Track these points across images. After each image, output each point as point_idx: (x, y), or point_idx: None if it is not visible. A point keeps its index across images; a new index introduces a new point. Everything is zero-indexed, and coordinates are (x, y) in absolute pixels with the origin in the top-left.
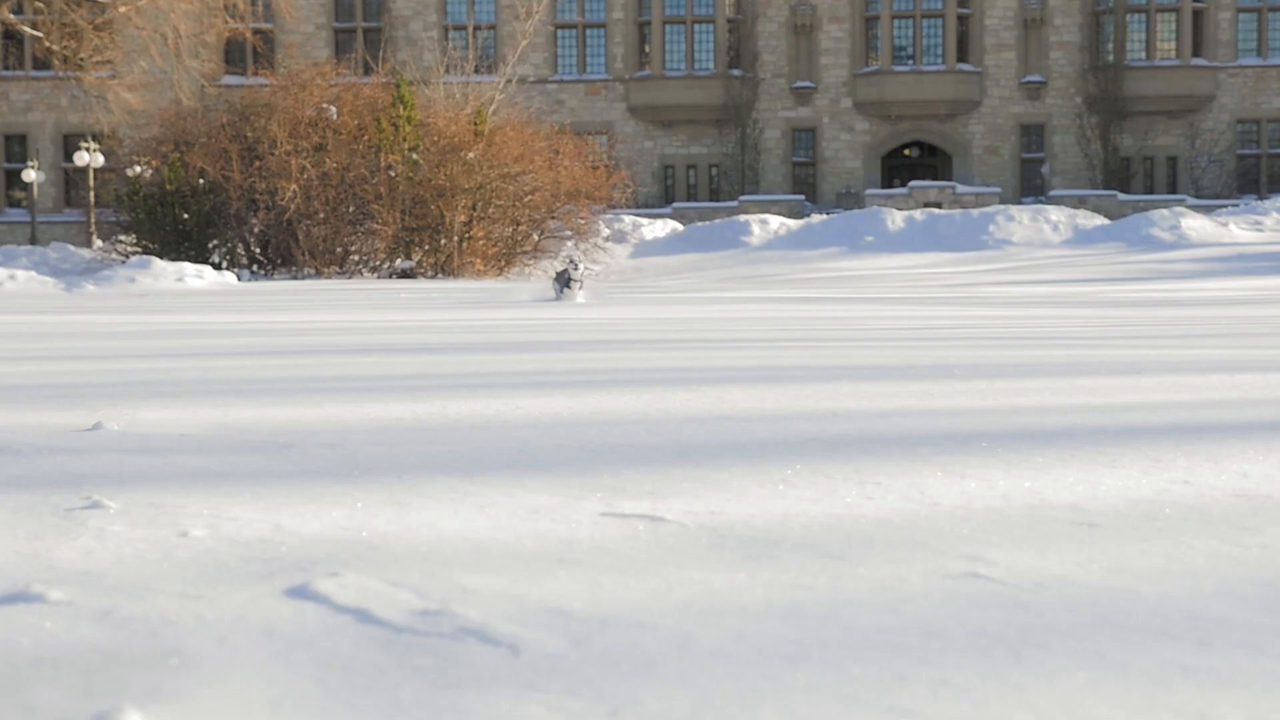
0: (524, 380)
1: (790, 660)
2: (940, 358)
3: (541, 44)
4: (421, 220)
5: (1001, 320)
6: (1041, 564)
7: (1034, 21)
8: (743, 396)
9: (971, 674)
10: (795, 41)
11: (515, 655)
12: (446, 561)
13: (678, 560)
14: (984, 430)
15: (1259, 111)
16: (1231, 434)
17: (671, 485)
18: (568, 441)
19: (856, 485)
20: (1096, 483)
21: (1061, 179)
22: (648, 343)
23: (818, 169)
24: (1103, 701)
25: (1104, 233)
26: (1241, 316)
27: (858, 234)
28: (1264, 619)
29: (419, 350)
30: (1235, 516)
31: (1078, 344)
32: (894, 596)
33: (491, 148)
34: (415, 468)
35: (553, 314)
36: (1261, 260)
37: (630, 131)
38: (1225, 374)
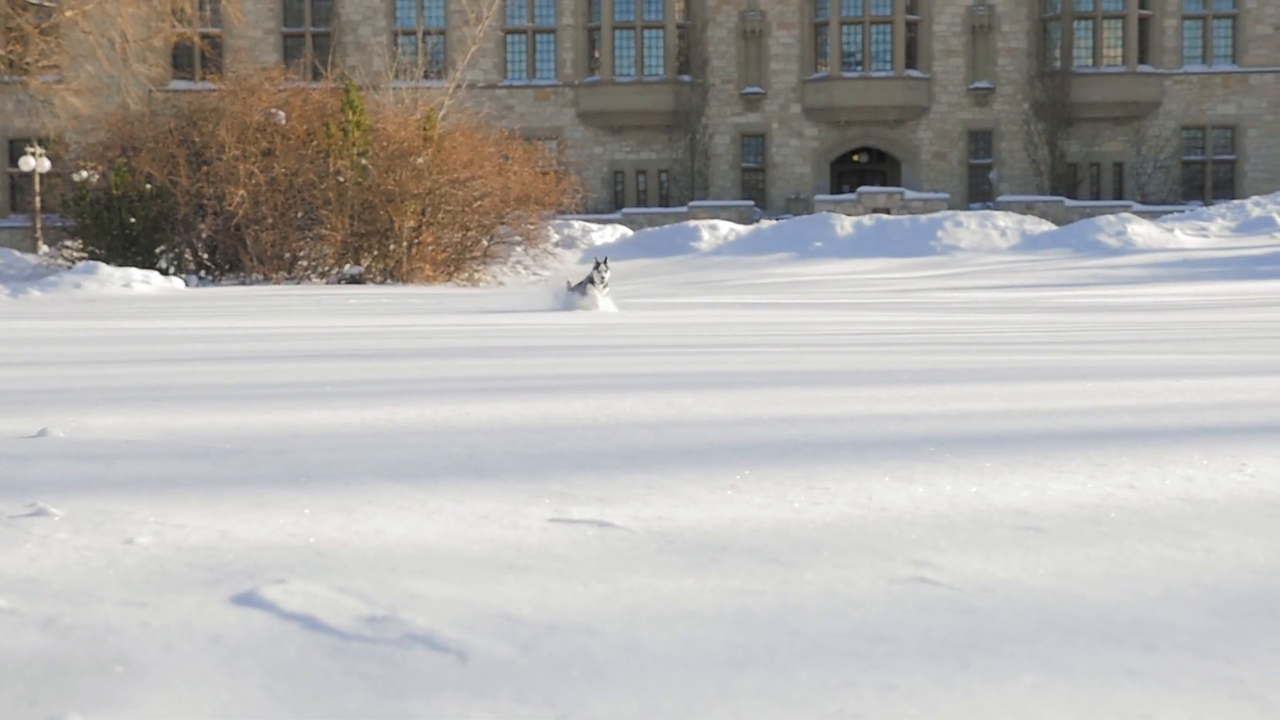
0: (473, 386)
1: (738, 665)
2: (888, 363)
3: (491, 49)
4: (370, 226)
5: (949, 326)
6: (988, 568)
7: (982, 28)
8: (692, 402)
9: (919, 678)
10: (744, 47)
11: (463, 661)
12: (394, 568)
13: (626, 566)
14: (932, 435)
15: (1204, 118)
16: (1176, 438)
17: (620, 491)
18: (516, 447)
19: (805, 490)
20: (1043, 487)
21: (1009, 185)
22: (597, 348)
23: (767, 175)
24: (1049, 705)
25: (1051, 238)
26: (1186, 322)
27: (807, 239)
28: (1208, 623)
29: (367, 356)
30: (1180, 521)
31: (1024, 349)
32: (842, 601)
33: (441, 153)
34: (363, 474)
35: (502, 320)
36: (1206, 266)
37: (580, 137)
38: (1170, 379)
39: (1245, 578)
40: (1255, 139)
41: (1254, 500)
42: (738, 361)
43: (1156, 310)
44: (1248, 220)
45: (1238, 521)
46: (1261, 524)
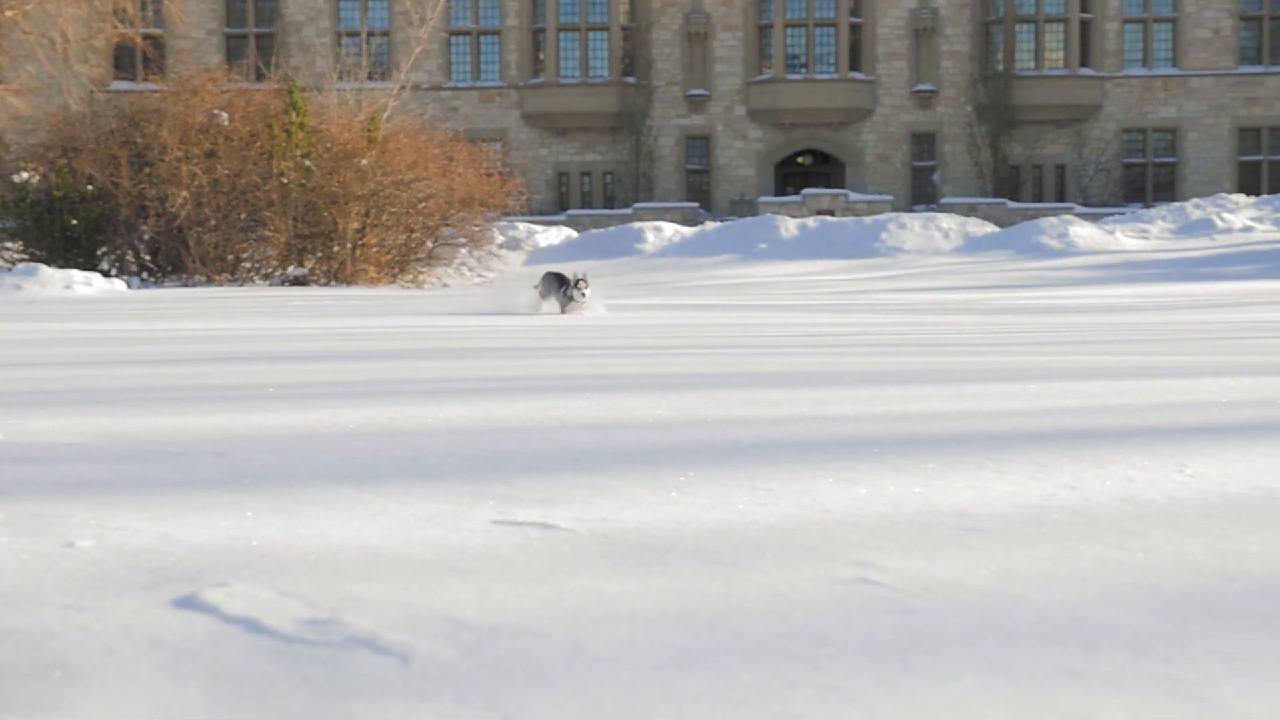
0: (417, 388)
1: (681, 667)
2: (833, 365)
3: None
4: (314, 227)
5: (893, 327)
6: (930, 569)
7: (925, 31)
8: (636, 403)
9: (861, 679)
10: (689, 49)
11: (405, 664)
12: (337, 570)
13: (570, 568)
14: (875, 437)
15: (1144, 121)
16: (1117, 439)
17: (564, 492)
18: (460, 449)
19: (749, 492)
20: (985, 488)
21: (952, 187)
22: (541, 350)
23: (712, 176)
24: (990, 706)
25: (994, 240)
26: (1128, 323)
27: (751, 241)
28: (1147, 623)
29: (311, 358)
30: (1120, 521)
31: (968, 351)
32: (785, 603)
33: (385, 155)
34: (306, 476)
35: (447, 321)
36: (1147, 267)
37: (525, 138)
38: (1111, 380)
39: (1185, 578)
40: (1195, 141)
41: (1193, 501)
42: (682, 363)
43: (1098, 311)
44: (1188, 222)
45: (1177, 522)
46: (1201, 524)
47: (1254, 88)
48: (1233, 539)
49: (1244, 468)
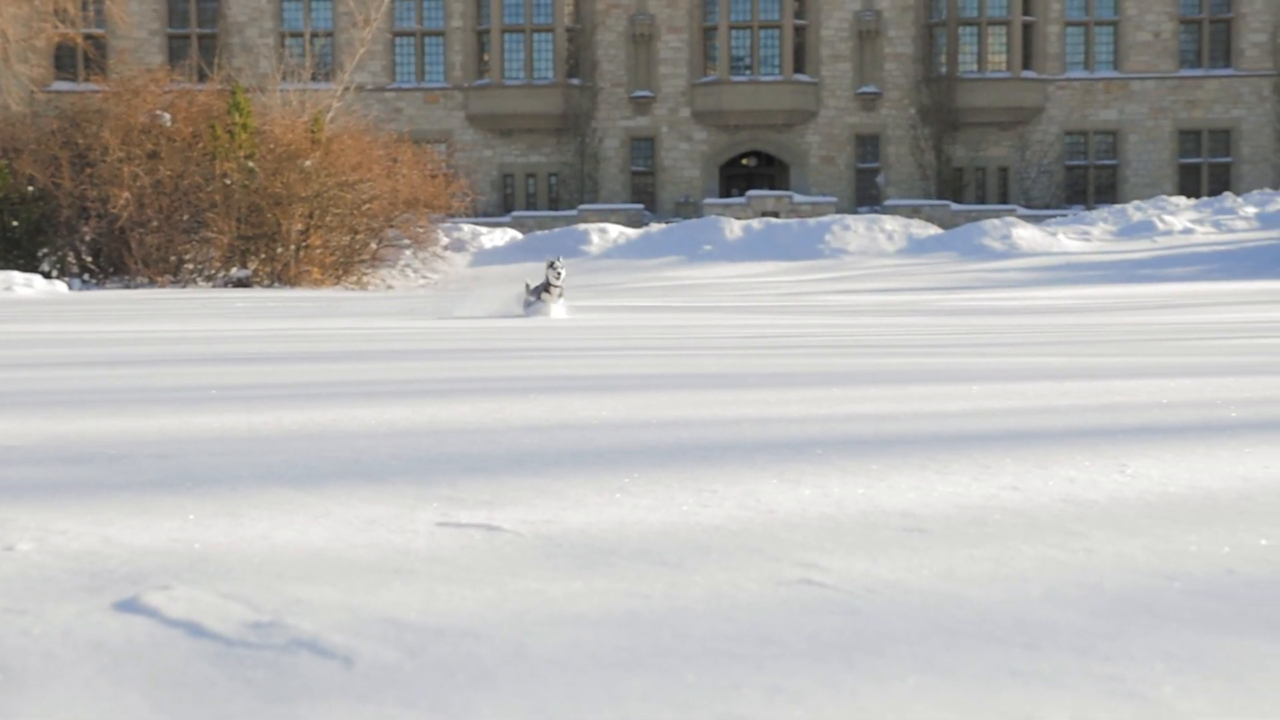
0: (361, 390)
1: (626, 668)
2: (777, 366)
3: (379, 51)
4: (258, 229)
5: (837, 329)
6: (874, 570)
7: (869, 33)
8: (581, 405)
9: (805, 680)
10: (634, 51)
11: (349, 667)
12: (280, 573)
13: (514, 569)
14: (820, 438)
15: (1086, 123)
16: (1059, 440)
17: (508, 494)
18: (404, 451)
19: (693, 493)
20: (928, 489)
21: (896, 189)
22: (485, 351)
23: (657, 178)
24: (933, 705)
25: (937, 242)
26: (1070, 325)
27: (696, 243)
28: (1088, 622)
29: (254, 360)
30: (1062, 522)
31: (911, 352)
32: (729, 604)
33: (329, 156)
34: (249, 479)
35: (387, 324)
36: (1089, 269)
37: (469, 140)
38: (1054, 381)
39: (1125, 577)
40: (1136, 144)
41: (1134, 501)
42: (626, 364)
43: (1041, 313)
44: (1129, 224)
45: (1118, 522)
46: (1141, 524)
47: (1194, 91)
48: (1173, 539)
49: (1184, 468)
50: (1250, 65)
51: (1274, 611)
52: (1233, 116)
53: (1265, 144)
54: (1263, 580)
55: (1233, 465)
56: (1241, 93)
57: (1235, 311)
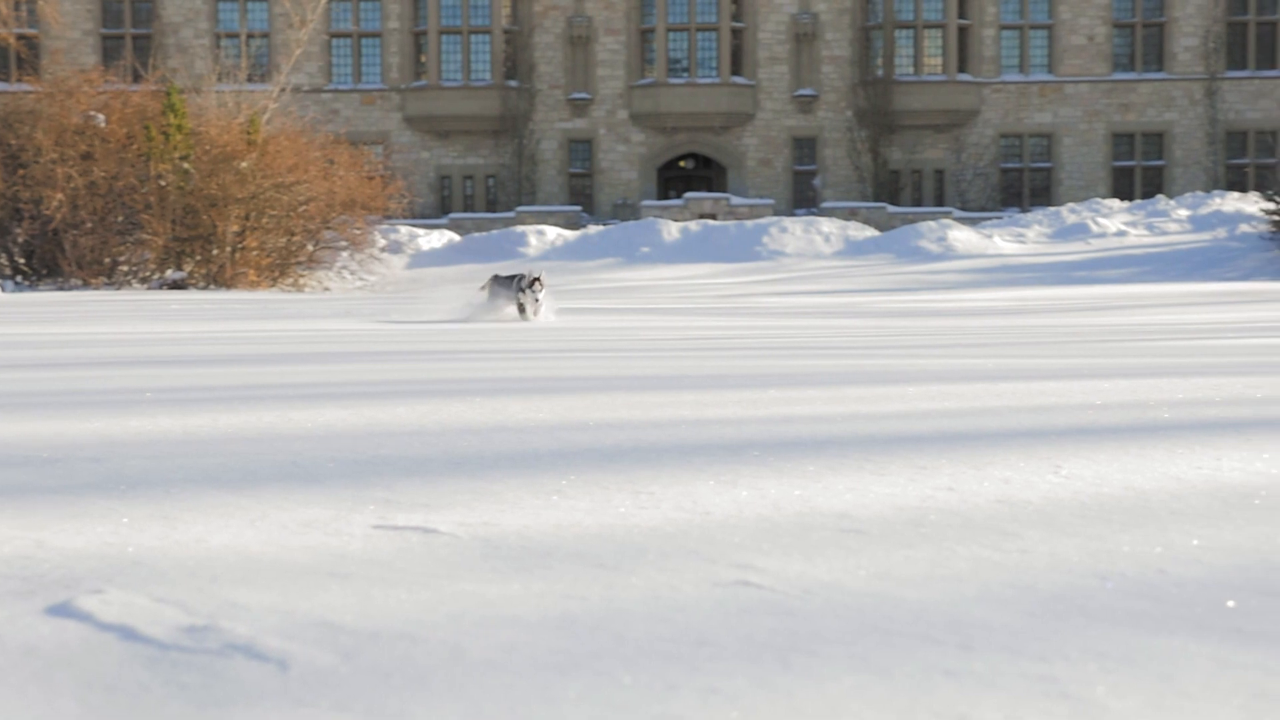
0: (298, 392)
1: (562, 671)
2: (714, 368)
3: (316, 53)
4: (193, 230)
5: (774, 330)
6: (810, 571)
7: (806, 36)
8: (518, 407)
9: (741, 681)
10: (572, 53)
11: (284, 670)
12: (215, 576)
13: (450, 572)
14: (756, 439)
15: (1021, 126)
16: (994, 441)
17: (445, 497)
18: (341, 454)
19: (630, 495)
20: (865, 490)
21: (833, 191)
22: (423, 354)
23: (594, 180)
24: (868, 705)
25: (874, 244)
26: (1004, 326)
27: (634, 245)
28: (1022, 622)
29: (189, 362)
30: (997, 522)
31: (847, 354)
32: (665, 605)
33: (265, 157)
34: (184, 481)
35: (323, 326)
36: (1024, 271)
37: (406, 141)
38: (988, 383)
39: (1059, 578)
40: (1071, 147)
41: (1068, 501)
42: (563, 366)
43: (976, 315)
44: (1063, 227)
45: (1052, 522)
46: (1075, 524)
47: (1127, 94)
48: (1106, 539)
49: (1117, 469)
50: (1182, 69)
51: (1204, 611)
52: (1165, 120)
53: (1197, 147)
54: (1193, 580)
55: (1165, 466)
56: (1174, 96)
57: (1168, 313)
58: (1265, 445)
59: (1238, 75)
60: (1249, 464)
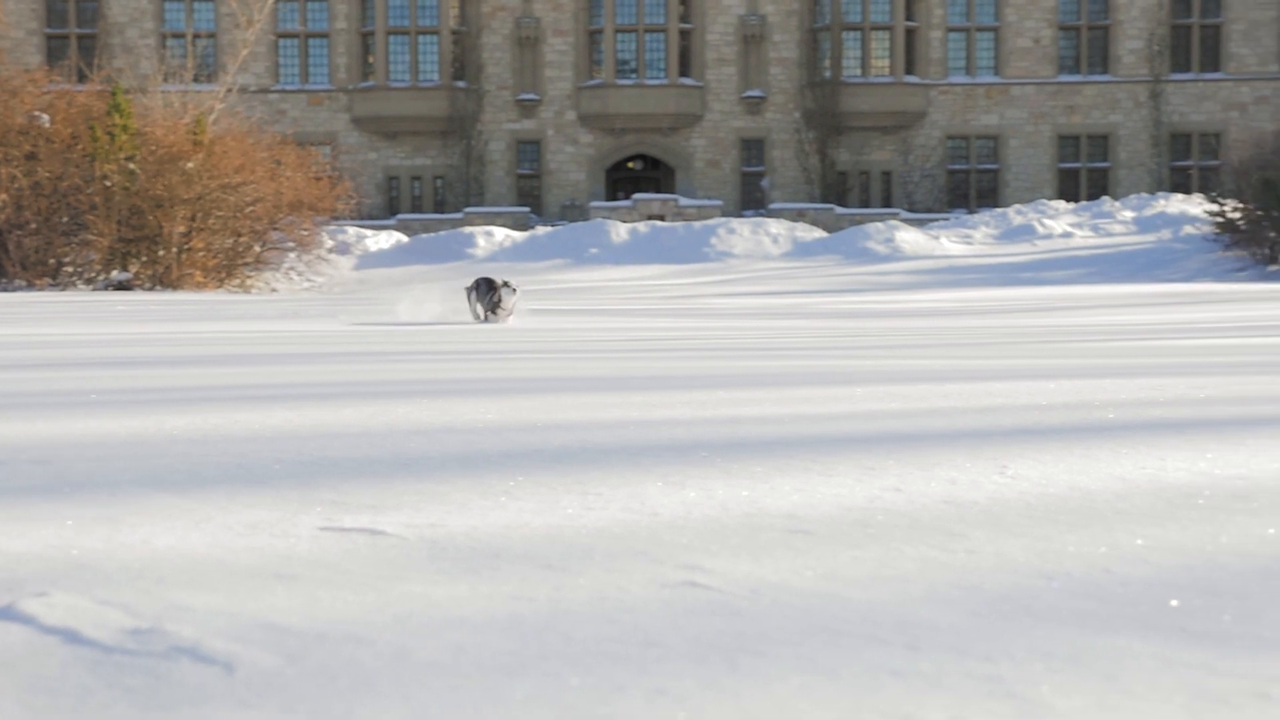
0: (243, 394)
1: (509, 672)
2: (662, 369)
3: (263, 53)
4: (139, 231)
5: (722, 332)
6: (758, 571)
7: (754, 38)
8: (466, 408)
9: (688, 682)
10: (520, 54)
11: (229, 673)
12: (160, 579)
13: (397, 573)
14: (704, 440)
15: (968, 128)
16: (941, 442)
17: (393, 498)
18: (287, 455)
19: (578, 496)
20: (812, 491)
21: (781, 192)
22: (370, 355)
23: (543, 181)
24: (814, 705)
25: (822, 245)
26: (951, 327)
27: (582, 246)
28: (968, 622)
29: (134, 364)
30: (943, 523)
31: (795, 355)
32: (613, 606)
33: (211, 158)
34: (128, 484)
35: (274, 327)
36: (970, 272)
37: (354, 142)
38: (935, 383)
39: (1005, 578)
40: (1017, 148)
41: (1014, 501)
42: (511, 367)
43: (923, 316)
44: (1010, 228)
45: (999, 522)
46: (1021, 525)
47: (1072, 96)
48: (1052, 539)
49: (1062, 469)
50: (1127, 71)
51: (1149, 610)
52: (1110, 122)
53: (1142, 149)
54: (1138, 580)
55: (1110, 466)
56: (1119, 98)
57: (1113, 314)
58: (1208, 446)
59: (1182, 78)
60: (1193, 464)
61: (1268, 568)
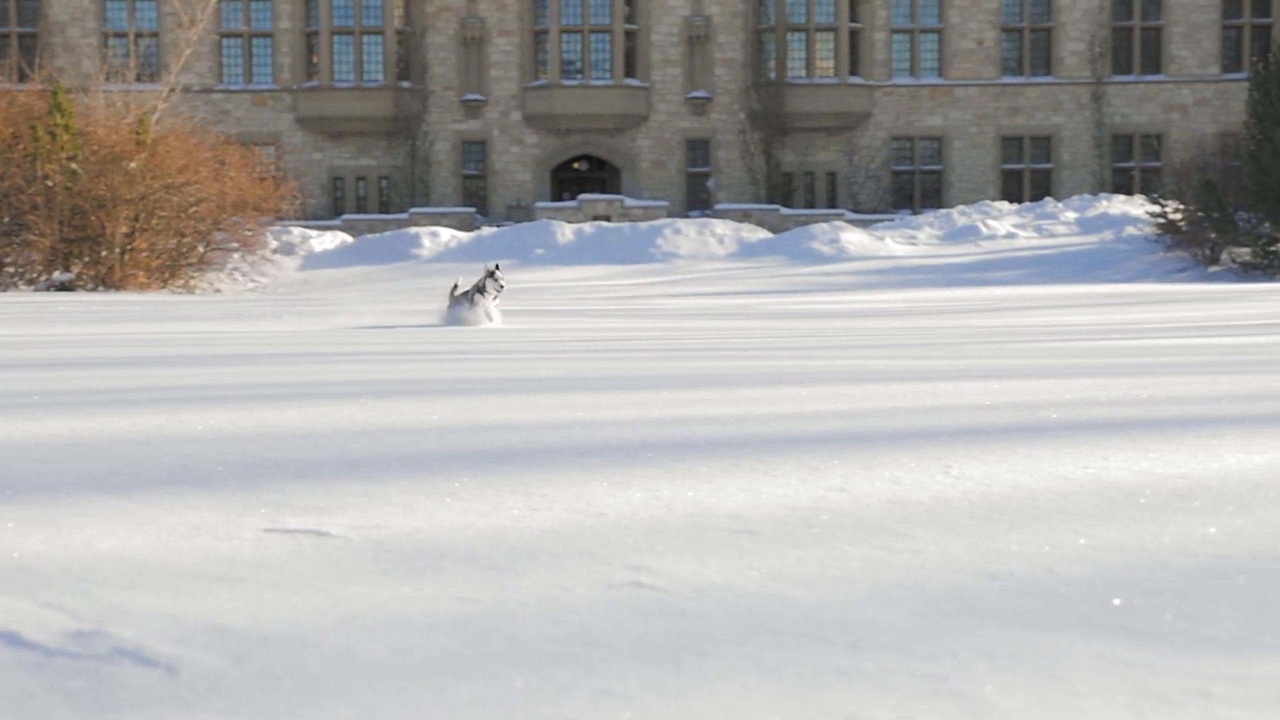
0: (188, 395)
1: (454, 673)
2: (608, 369)
3: (206, 53)
4: (81, 231)
5: (668, 332)
6: (703, 572)
7: (699, 38)
8: (410, 409)
9: (633, 682)
10: (465, 54)
11: (173, 675)
12: (102, 581)
13: (342, 575)
14: (650, 441)
15: (912, 129)
16: (886, 442)
17: (338, 499)
18: (232, 457)
19: (523, 497)
20: (757, 491)
21: (727, 193)
22: (314, 356)
23: (488, 181)
24: (759, 705)
25: (767, 246)
26: (896, 328)
27: (528, 247)
28: (912, 622)
29: (76, 365)
30: (888, 522)
31: (740, 355)
32: (558, 607)
33: (154, 158)
34: (71, 485)
35: (218, 328)
36: (915, 273)
37: (299, 143)
38: (880, 384)
39: (949, 577)
40: (961, 150)
41: (958, 501)
42: (456, 368)
43: (868, 316)
44: (954, 229)
45: (942, 522)
46: (965, 524)
47: (1015, 98)
48: (995, 538)
49: (1006, 469)
50: (1069, 73)
51: (1091, 609)
52: (1053, 123)
53: (1084, 150)
54: (1080, 579)
55: (1053, 466)
56: (1061, 100)
57: (1056, 315)
58: (1150, 445)
59: (1123, 80)
60: (1134, 464)
61: (1208, 566)
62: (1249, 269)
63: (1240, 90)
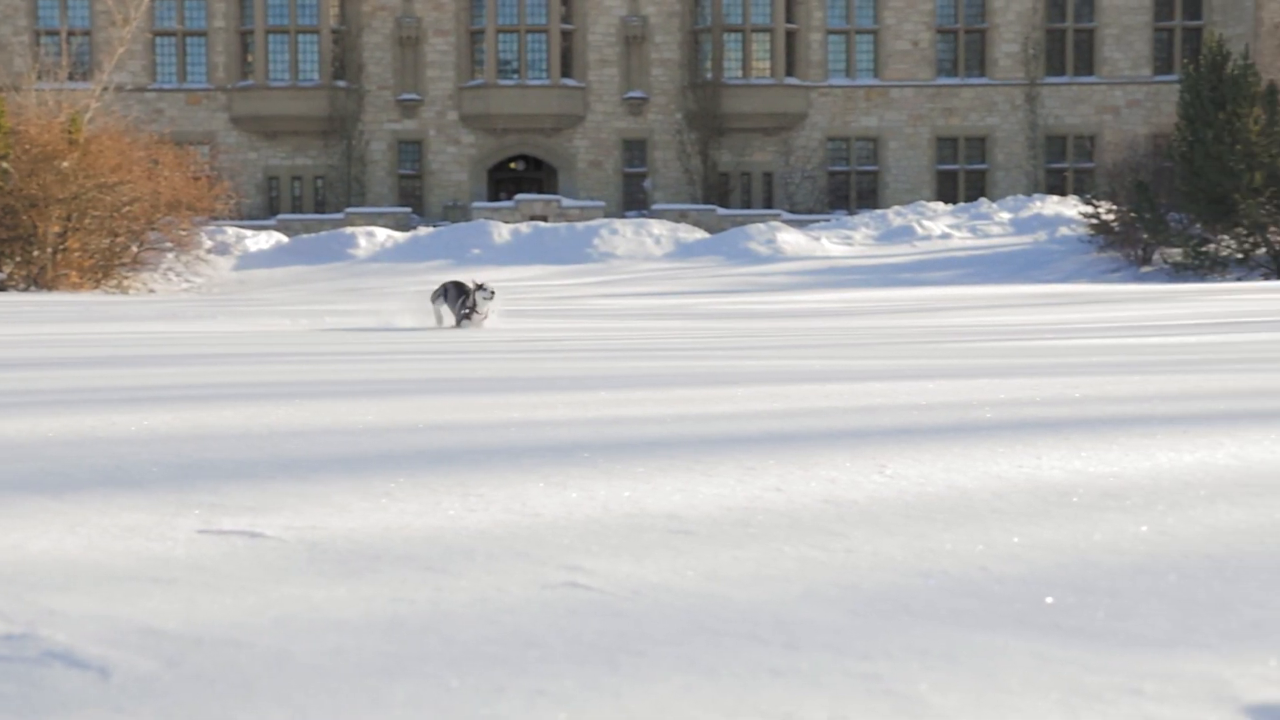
0: (121, 396)
1: (389, 674)
2: (544, 370)
3: (140, 51)
4: (12, 231)
5: (604, 332)
6: (639, 572)
7: (636, 39)
8: (346, 409)
9: (568, 682)
10: (401, 53)
11: (105, 678)
12: (33, 583)
13: (277, 576)
14: (586, 441)
15: (848, 130)
16: (821, 441)
17: (272, 500)
18: (165, 458)
19: (460, 498)
20: (693, 491)
21: (663, 193)
22: (248, 356)
23: (425, 181)
24: (695, 705)
25: (704, 246)
26: (832, 328)
27: (465, 246)
28: (847, 621)
29: (7, 366)
30: (823, 522)
31: (677, 355)
32: (494, 608)
33: (87, 157)
34: (1, 487)
35: (151, 328)
36: (851, 273)
37: (233, 142)
38: (816, 384)
39: (883, 576)
40: (896, 150)
41: (893, 500)
42: (392, 369)
43: (804, 316)
44: (889, 229)
45: (877, 521)
46: (899, 524)
47: (950, 99)
48: (929, 538)
49: (940, 468)
50: (1004, 74)
51: (1025, 607)
52: (988, 124)
53: (1018, 151)
54: (1014, 577)
55: (987, 465)
56: (996, 101)
57: (991, 315)
58: (1083, 444)
59: (1057, 81)
60: (1068, 462)
61: (1139, 565)
62: (1180, 269)
63: (1172, 92)
